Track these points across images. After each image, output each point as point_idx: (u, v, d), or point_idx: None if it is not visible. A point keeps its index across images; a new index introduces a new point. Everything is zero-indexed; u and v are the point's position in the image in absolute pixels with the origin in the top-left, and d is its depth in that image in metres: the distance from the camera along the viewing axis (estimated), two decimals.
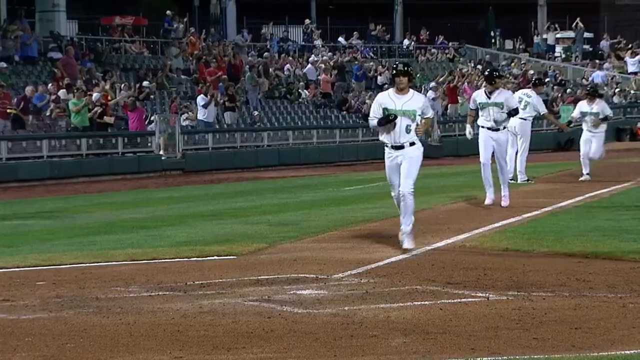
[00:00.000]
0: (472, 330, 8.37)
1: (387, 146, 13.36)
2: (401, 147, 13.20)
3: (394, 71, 13.61)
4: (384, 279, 11.04)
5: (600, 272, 11.21)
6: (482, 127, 18.93)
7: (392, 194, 13.61)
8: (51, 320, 9.12)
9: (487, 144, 18.77)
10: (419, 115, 13.21)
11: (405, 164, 13.20)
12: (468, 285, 10.54)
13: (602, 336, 8.09)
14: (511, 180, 23.21)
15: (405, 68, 13.34)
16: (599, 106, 25.00)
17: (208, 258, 13.15)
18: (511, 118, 19.76)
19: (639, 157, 36.40)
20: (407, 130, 13.15)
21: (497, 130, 18.73)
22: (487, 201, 18.89)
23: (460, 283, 10.67)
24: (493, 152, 18.77)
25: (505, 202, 18.53)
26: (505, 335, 8.17)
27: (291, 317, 9.05)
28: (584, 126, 25.01)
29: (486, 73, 20.19)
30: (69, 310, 9.61)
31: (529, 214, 17.26)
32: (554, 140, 46.92)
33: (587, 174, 24.81)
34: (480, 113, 19.07)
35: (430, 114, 13.47)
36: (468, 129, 19.44)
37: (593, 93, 25.97)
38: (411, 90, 13.36)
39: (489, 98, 18.79)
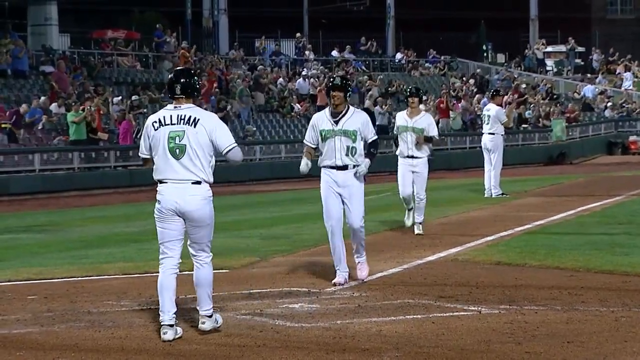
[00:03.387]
0: (464, 344, 8.37)
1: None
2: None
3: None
4: (376, 293, 11.03)
5: (592, 286, 11.21)
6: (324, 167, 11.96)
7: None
8: (42, 335, 9.10)
9: (329, 193, 11.87)
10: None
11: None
12: (460, 299, 10.54)
13: (595, 350, 8.09)
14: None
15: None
16: (425, 120, 16.96)
17: None
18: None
19: (630, 170, 36.44)
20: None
21: (344, 168, 11.79)
22: (338, 279, 11.85)
23: (453, 297, 10.66)
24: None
25: (362, 273, 12.07)
26: (497, 349, 8.17)
27: (283, 331, 9.04)
28: (400, 151, 17.07)
29: (333, 79, 12.02)
30: (60, 324, 9.58)
31: (521, 228, 17.25)
32: (545, 154, 47.00)
33: (420, 222, 17.00)
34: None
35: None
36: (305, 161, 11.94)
37: (415, 93, 16.98)
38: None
39: (336, 124, 11.76)
